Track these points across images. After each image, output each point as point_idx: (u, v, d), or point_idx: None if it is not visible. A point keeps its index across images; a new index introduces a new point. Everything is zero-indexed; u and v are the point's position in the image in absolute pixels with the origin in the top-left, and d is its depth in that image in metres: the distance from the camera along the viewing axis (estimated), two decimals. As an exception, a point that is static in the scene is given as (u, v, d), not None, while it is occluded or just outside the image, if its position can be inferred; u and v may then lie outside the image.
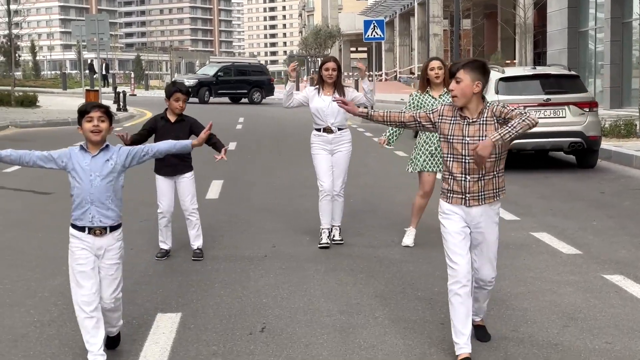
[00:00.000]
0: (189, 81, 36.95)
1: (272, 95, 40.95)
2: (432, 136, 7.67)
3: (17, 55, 59.05)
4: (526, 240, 7.94)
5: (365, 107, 4.99)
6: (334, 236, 7.87)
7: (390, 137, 7.98)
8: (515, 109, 4.54)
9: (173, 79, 36.79)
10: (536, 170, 13.26)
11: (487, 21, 53.44)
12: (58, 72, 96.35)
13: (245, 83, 39.53)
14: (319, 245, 7.70)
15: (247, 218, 9.16)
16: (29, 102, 29.63)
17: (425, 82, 7.77)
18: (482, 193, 4.61)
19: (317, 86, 7.88)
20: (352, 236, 8.22)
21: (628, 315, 5.55)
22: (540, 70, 13.88)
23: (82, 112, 4.63)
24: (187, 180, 7.28)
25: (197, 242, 7.34)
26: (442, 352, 4.82)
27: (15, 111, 27.42)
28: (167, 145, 4.93)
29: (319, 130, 7.87)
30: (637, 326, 5.30)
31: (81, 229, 4.58)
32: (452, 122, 4.62)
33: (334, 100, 4.82)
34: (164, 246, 7.38)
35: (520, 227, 8.59)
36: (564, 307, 5.75)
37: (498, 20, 47.82)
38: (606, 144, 14.83)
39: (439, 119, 4.67)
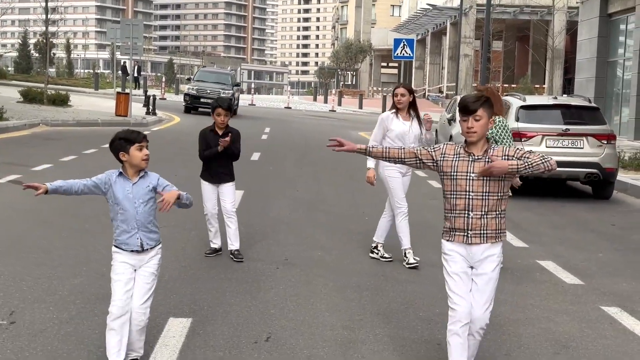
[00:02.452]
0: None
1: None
2: None
3: (52, 53, 59.99)
4: (531, 268, 8.18)
5: (364, 145, 5.07)
6: (408, 260, 8.03)
7: None
8: (531, 152, 4.60)
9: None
10: (553, 198, 13.46)
11: (518, 44, 53.61)
12: (91, 70, 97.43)
13: None
14: (408, 266, 7.93)
15: (262, 229, 9.45)
16: (61, 101, 30.16)
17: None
18: (485, 231, 4.67)
19: (393, 111, 8.11)
20: (362, 254, 8.50)
21: (619, 346, 5.78)
22: (561, 100, 14.12)
23: (131, 141, 4.77)
24: (229, 188, 8.07)
25: (235, 244, 7.98)
26: (435, 371, 5.08)
27: (47, 109, 27.97)
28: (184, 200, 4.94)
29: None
30: (626, 357, 5.53)
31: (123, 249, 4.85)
32: (455, 159, 4.70)
33: (328, 146, 4.95)
34: (213, 245, 8.06)
35: (528, 254, 8.82)
36: (558, 335, 5.99)
37: (530, 44, 47.95)
38: (624, 176, 15.00)
39: (441, 157, 4.75)
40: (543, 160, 4.49)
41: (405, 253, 8.08)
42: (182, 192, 4.89)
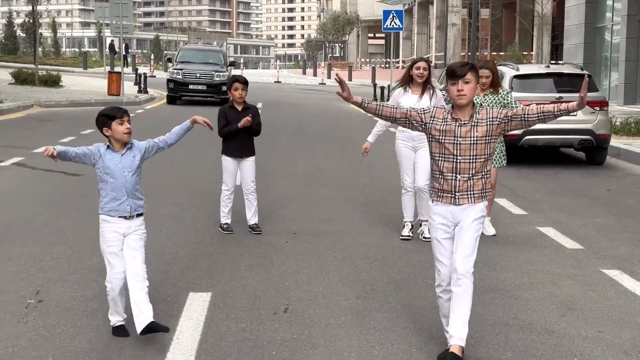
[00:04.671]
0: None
1: None
2: None
3: (39, 32, 59.66)
4: (532, 234, 8.43)
5: (360, 98, 5.20)
6: (422, 232, 8.13)
7: None
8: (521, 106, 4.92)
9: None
10: (547, 165, 13.71)
11: (505, 12, 53.58)
12: (77, 49, 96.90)
13: None
14: (400, 237, 8.14)
15: (268, 205, 9.65)
16: (53, 81, 30.20)
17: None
18: (472, 192, 4.88)
19: (404, 86, 8.15)
20: (367, 225, 8.73)
21: (621, 307, 6.04)
22: (554, 69, 14.33)
23: (112, 117, 5.18)
24: (250, 164, 8.31)
25: (254, 219, 8.30)
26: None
27: (40, 90, 28.00)
28: (175, 135, 5.51)
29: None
30: (628, 317, 5.79)
31: (113, 216, 5.18)
32: (443, 123, 4.87)
33: (336, 79, 5.05)
34: (227, 220, 8.24)
35: (527, 221, 9.07)
36: (562, 298, 6.24)
37: (517, 11, 48.01)
38: (616, 142, 15.26)
39: (430, 120, 4.91)
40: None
41: (403, 224, 8.31)
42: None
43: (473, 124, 4.83)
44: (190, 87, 26.73)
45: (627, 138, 16.59)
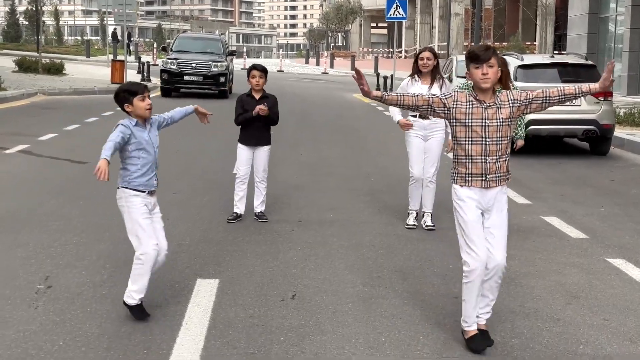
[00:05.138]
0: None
1: None
2: None
3: (42, 20, 59.61)
4: (536, 224, 8.46)
5: (380, 92, 5.23)
6: (425, 222, 8.18)
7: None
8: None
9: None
10: (550, 155, 13.74)
11: (509, 1, 53.45)
12: (79, 38, 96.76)
13: None
14: (405, 226, 8.16)
15: (273, 193, 9.66)
16: (56, 69, 30.23)
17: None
18: (499, 174, 4.91)
19: (413, 76, 8.09)
20: (372, 214, 8.77)
21: (626, 295, 6.08)
22: (558, 59, 14.33)
23: (133, 92, 5.21)
24: (264, 152, 8.32)
25: (261, 207, 8.38)
26: (456, 323, 5.35)
27: (43, 78, 28.04)
28: (178, 113, 5.72)
29: (414, 115, 8.13)
30: (633, 305, 5.83)
31: (142, 191, 5.28)
32: (468, 106, 4.88)
33: (354, 77, 5.06)
34: (237, 210, 8.27)
35: (532, 210, 9.11)
36: (567, 286, 6.28)
37: (520, 1, 47.91)
38: (620, 132, 15.29)
39: (453, 104, 4.91)
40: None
41: (408, 213, 8.35)
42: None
43: (498, 105, 4.86)
44: (186, 78, 24.98)
45: (630, 128, 16.61)
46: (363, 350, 4.86)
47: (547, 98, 4.86)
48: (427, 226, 8.12)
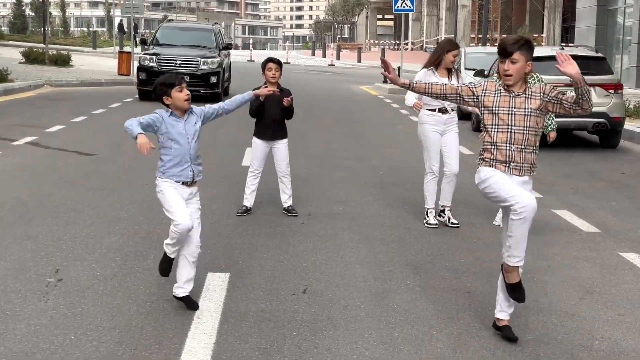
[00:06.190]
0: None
1: None
2: None
3: (48, 12, 59.62)
4: (548, 218, 8.40)
5: (408, 80, 5.21)
6: (449, 219, 8.02)
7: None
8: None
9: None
10: (560, 149, 13.65)
11: (516, -7, 53.24)
12: (85, 29, 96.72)
13: None
14: (427, 226, 7.92)
15: (282, 186, 9.64)
16: (63, 61, 30.22)
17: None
18: (523, 165, 4.88)
19: (431, 68, 7.94)
20: (382, 207, 8.72)
21: (640, 290, 6.03)
22: (568, 51, 14.22)
23: (170, 85, 5.20)
24: (282, 146, 8.26)
25: (289, 201, 8.29)
26: (469, 317, 5.32)
27: (50, 70, 28.02)
28: (235, 102, 5.69)
29: (432, 110, 8.00)
30: (648, 301, 5.78)
31: (176, 181, 5.27)
32: (496, 95, 4.89)
33: (382, 65, 5.04)
34: (247, 203, 8.22)
35: (543, 204, 9.01)
36: (581, 281, 6.23)
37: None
38: (630, 125, 15.20)
39: (482, 92, 4.94)
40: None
41: (427, 212, 8.08)
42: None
43: (527, 96, 4.84)
44: None
45: (640, 121, 16.52)
46: (376, 345, 4.82)
47: (573, 105, 4.71)
48: (452, 223, 7.95)
